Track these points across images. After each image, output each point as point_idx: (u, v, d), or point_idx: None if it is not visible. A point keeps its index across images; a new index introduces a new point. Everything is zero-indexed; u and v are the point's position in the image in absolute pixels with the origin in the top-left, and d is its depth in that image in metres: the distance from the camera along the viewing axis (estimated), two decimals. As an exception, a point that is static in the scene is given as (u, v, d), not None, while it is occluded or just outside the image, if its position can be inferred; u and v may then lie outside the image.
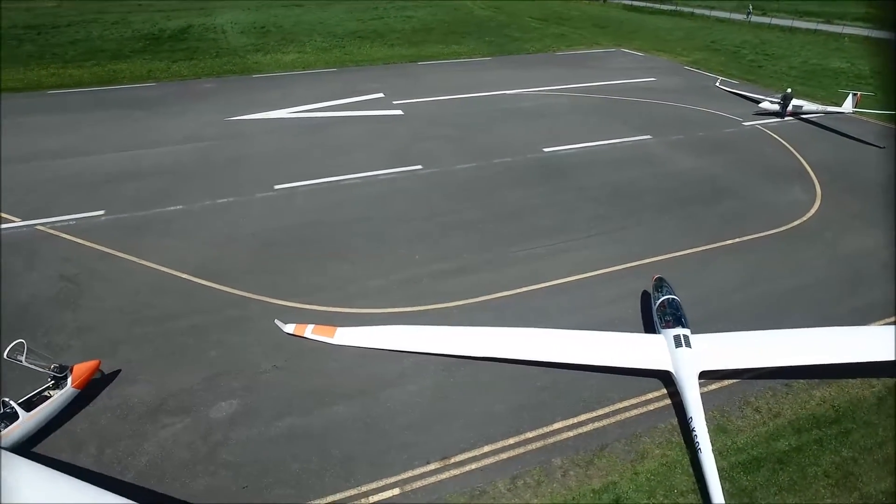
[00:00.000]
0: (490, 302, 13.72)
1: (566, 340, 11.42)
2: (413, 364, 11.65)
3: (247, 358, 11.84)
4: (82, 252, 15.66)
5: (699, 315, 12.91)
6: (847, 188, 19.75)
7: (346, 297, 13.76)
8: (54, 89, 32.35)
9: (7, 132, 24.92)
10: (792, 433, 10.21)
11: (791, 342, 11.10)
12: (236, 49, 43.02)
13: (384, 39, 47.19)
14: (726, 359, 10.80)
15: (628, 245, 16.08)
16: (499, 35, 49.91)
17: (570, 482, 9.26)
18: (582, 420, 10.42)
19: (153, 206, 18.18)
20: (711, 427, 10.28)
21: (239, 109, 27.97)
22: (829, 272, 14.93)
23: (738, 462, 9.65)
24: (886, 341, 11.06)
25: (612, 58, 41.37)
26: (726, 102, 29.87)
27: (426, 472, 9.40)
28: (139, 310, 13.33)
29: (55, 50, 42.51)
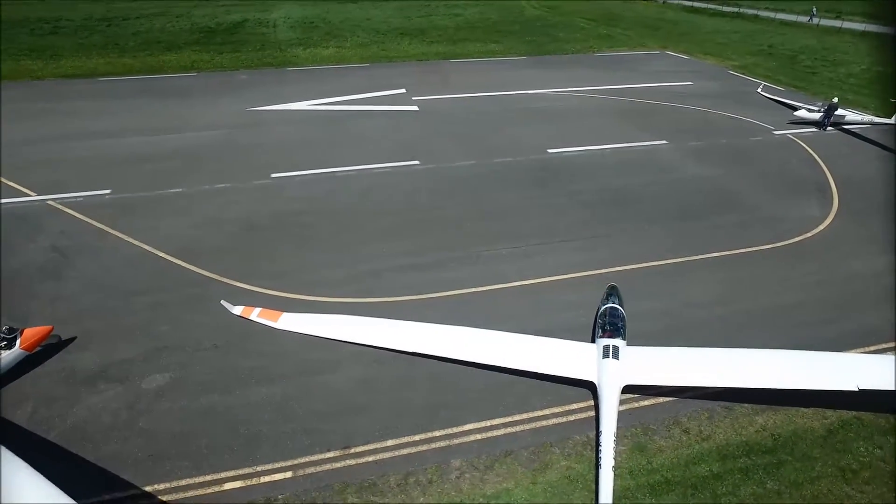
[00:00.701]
0: (442, 299, 13.62)
1: (499, 343, 11.16)
2: (349, 354, 11.74)
3: (192, 335, 12.32)
4: (79, 227, 16.76)
5: (654, 328, 12.36)
6: (869, 207, 18.17)
7: (304, 285, 14.04)
8: (106, 76, 34.69)
9: (49, 114, 26.95)
10: (717, 459, 9.57)
11: (734, 362, 10.36)
12: (280, 43, 44.59)
13: (424, 36, 47.54)
14: (656, 374, 10.23)
15: (603, 252, 15.50)
16: (542, 35, 49.14)
17: (463, 485, 9.08)
18: (495, 424, 10.18)
19: (155, 188, 19.20)
20: (630, 445, 9.83)
21: (263, 100, 29.02)
22: (820, 294, 13.82)
23: (648, 483, 9.15)
24: (847, 370, 10.15)
25: (653, 60, 39.85)
26: (763, 110, 28.14)
27: (323, 458, 9.48)
28: (113, 283, 14.13)
29: (118, 41, 45.55)
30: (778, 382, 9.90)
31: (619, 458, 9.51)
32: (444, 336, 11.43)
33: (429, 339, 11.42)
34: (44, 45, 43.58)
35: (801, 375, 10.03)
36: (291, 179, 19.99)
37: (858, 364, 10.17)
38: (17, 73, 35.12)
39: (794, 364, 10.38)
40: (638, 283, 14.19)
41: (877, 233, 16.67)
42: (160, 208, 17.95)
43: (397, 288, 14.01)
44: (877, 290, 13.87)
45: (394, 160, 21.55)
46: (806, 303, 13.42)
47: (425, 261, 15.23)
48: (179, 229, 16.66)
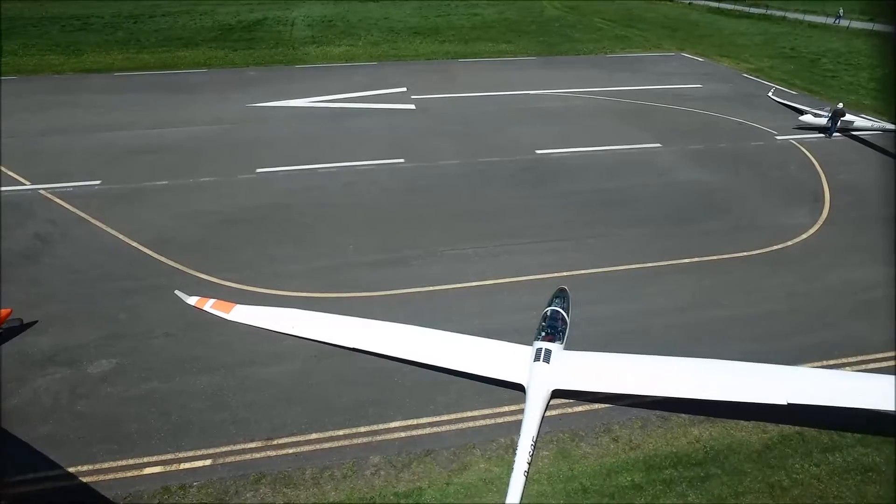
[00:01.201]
0: (397, 296, 13.64)
1: (437, 341, 11.09)
2: (293, 347, 11.85)
3: (147, 323, 12.63)
4: (65, 216, 17.33)
5: (603, 333, 12.13)
6: (863, 217, 17.41)
7: (265, 278, 14.24)
8: (123, 72, 35.78)
9: (62, 106, 27.95)
10: (641, 469, 9.32)
11: (671, 372, 10.05)
12: (294, 41, 45.24)
13: (438, 36, 47.56)
14: (588, 380, 10.02)
15: (572, 255, 15.28)
16: (557, 35, 48.62)
17: (377, 481, 9.07)
18: (422, 423, 10.14)
19: (144, 180, 19.72)
20: (555, 450, 9.67)
21: (266, 97, 29.49)
22: (788, 305, 13.31)
23: (565, 490, 8.98)
24: (780, 383, 9.70)
25: (666, 62, 39.02)
26: (771, 114, 27.26)
27: (245, 448, 9.61)
28: (84, 271, 14.57)
29: (139, 37, 46.91)
30: (710, 393, 9.57)
31: (540, 462, 9.40)
32: (384, 333, 11.43)
33: (370, 335, 11.43)
34: (70, 40, 45.20)
35: (732, 387, 9.66)
36: (276, 175, 20.28)
37: (792, 378, 9.75)
38: (40, 67, 36.53)
39: (728, 375, 9.98)
40: (601, 287, 13.95)
41: (864, 242, 15.98)
42: (144, 200, 18.42)
43: (356, 284, 14.08)
44: (848, 303, 13.29)
45: (380, 158, 21.63)
46: (771, 313, 12.95)
47: (388, 258, 15.27)
48: (157, 220, 17.07)
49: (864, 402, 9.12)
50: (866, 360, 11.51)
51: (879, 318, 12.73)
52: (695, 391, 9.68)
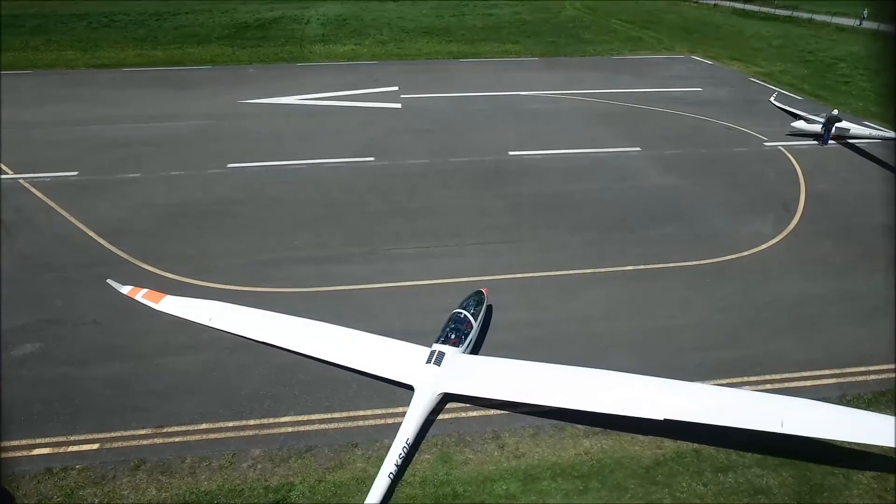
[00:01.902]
0: (327, 293, 13.69)
1: (340, 339, 11.12)
2: (209, 338, 12.01)
3: (79, 310, 13.01)
4: (33, 204, 18.00)
5: (516, 340, 11.98)
6: (833, 229, 16.65)
7: (201, 270, 14.48)
8: (133, 67, 36.94)
9: (66, 100, 29.10)
10: (520, 479, 9.13)
11: (566, 382, 9.81)
12: (303, 39, 45.92)
13: (446, 36, 47.55)
14: (478, 386, 9.86)
15: (509, 258, 15.09)
16: (568, 36, 48.02)
17: (252, 474, 9.13)
18: (311, 419, 10.16)
19: (117, 172, 20.32)
20: (436, 454, 9.56)
21: (258, 93, 30.03)
22: (718, 318, 12.79)
23: (435, 494, 8.86)
24: (662, 398, 9.35)
25: (672, 64, 38.11)
26: (768, 119, 26.34)
27: (134, 435, 9.79)
28: (34, 258, 15.08)
29: (157, 34, 48.38)
30: (595, 405, 9.32)
31: (419, 465, 9.30)
32: (290, 327, 11.52)
33: (277, 330, 11.55)
34: (92, 37, 46.94)
35: (616, 400, 9.38)
36: (244, 170, 20.63)
37: (684, 393, 9.39)
38: (56, 62, 38.05)
39: (619, 387, 9.68)
40: (530, 291, 13.74)
41: (826, 256, 15.28)
42: (112, 191, 18.99)
43: (290, 279, 14.21)
44: (783, 319, 12.72)
45: (350, 156, 21.78)
46: (696, 327, 12.50)
47: (328, 254, 15.36)
48: (118, 211, 17.58)
49: (754, 423, 8.77)
50: (781, 378, 11.03)
51: (810, 335, 12.18)
52: (582, 403, 9.45)
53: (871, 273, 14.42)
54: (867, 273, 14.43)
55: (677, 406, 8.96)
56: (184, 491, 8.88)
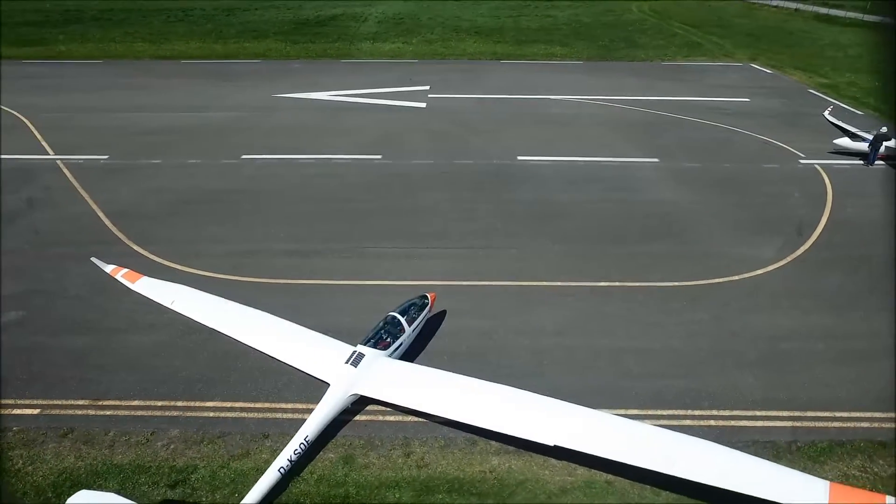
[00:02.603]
0: (296, 286, 14.07)
1: (277, 330, 11.30)
2: (169, 319, 12.47)
3: (65, 284, 14.03)
4: (60, 183, 19.56)
5: (458, 347, 11.81)
6: (845, 259, 15.16)
7: (182, 255, 15.18)
8: (191, 59, 39.24)
9: (117, 88, 31.38)
10: (416, 489, 8.97)
11: (480, 398, 9.48)
12: (354, 36, 46.99)
13: (496, 36, 47.18)
14: (393, 392, 9.76)
15: (481, 263, 14.88)
16: (622, 40, 46.37)
17: (163, 453, 9.51)
18: (235, 406, 10.45)
19: (142, 158, 21.68)
20: (341, 454, 9.59)
21: (293, 88, 31.08)
22: (684, 344, 12.01)
23: (327, 494, 8.86)
24: (552, 422, 8.92)
25: (726, 72, 36.00)
26: (815, 135, 24.29)
27: (73, 404, 10.44)
28: (45, 233, 16.42)
29: (223, 29, 51.06)
30: (493, 423, 8.99)
31: (321, 463, 9.34)
32: (238, 316, 11.81)
33: (227, 318, 11.81)
34: (165, 30, 50.23)
35: (512, 420, 9.00)
36: (255, 162, 21.45)
37: (575, 417, 8.91)
38: (126, 53, 41.05)
39: (517, 407, 9.27)
40: (492, 300, 13.48)
41: (825, 289, 13.96)
42: (132, 175, 20.30)
43: (264, 270, 14.65)
44: (753, 352, 11.73)
45: (360, 153, 22.14)
46: (653, 352, 11.79)
47: (310, 248, 15.71)
48: (130, 195, 18.77)
49: (648, 463, 8.18)
50: (728, 415, 10.21)
51: (776, 373, 11.18)
52: (480, 419, 9.12)
53: (872, 312, 13.04)
54: (867, 312, 13.06)
55: (570, 433, 8.50)
56: (98, 462, 9.40)
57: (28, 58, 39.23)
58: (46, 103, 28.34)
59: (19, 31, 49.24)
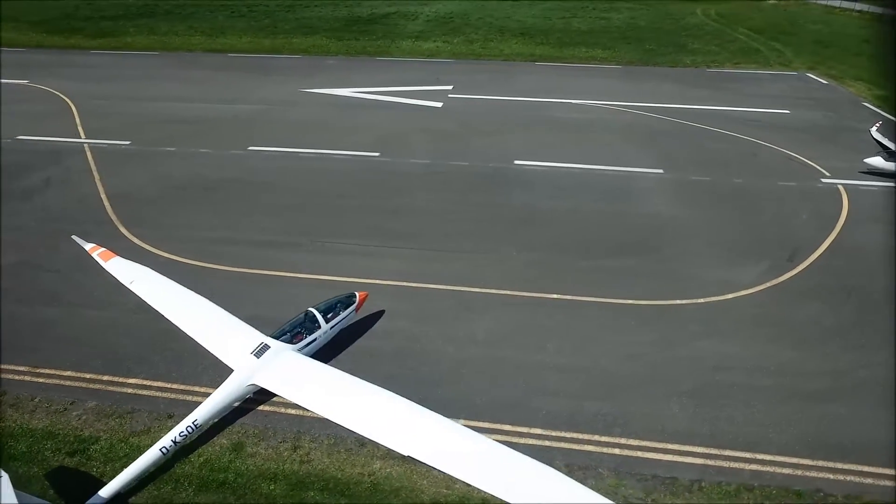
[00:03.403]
0: (249, 275, 14.54)
1: (202, 312, 11.55)
2: (124, 300, 12.94)
3: (51, 259, 15.17)
4: (80, 165, 21.07)
5: (383, 347, 11.80)
6: (836, 290, 13.90)
7: (164, 239, 16.00)
8: (238, 53, 41.05)
9: (164, 79, 33.36)
10: (290, 484, 9.11)
11: (363, 401, 9.27)
12: (399, 35, 47.47)
13: (541, 38, 46.19)
14: (286, 387, 9.81)
15: (435, 266, 14.81)
16: (671, 44, 44.22)
17: (74, 423, 10.17)
18: (153, 385, 11.03)
19: (160, 145, 22.96)
20: (233, 441, 9.88)
21: (320, 84, 31.84)
22: (615, 367, 11.48)
23: (205, 477, 9.17)
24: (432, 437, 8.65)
25: (773, 81, 33.64)
26: (850, 152, 22.23)
27: (13, 370, 11.29)
28: (49, 210, 17.81)
29: (278, 24, 53.01)
30: (361, 427, 8.87)
31: (212, 448, 9.71)
32: (174, 297, 12.20)
33: (166, 299, 12.23)
34: (226, 24, 52.65)
35: (379, 426, 8.84)
36: (259, 153, 22.24)
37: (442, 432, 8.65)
38: (182, 45, 43.43)
39: (392, 415, 9.06)
40: (434, 304, 13.42)
41: (799, 320, 12.82)
42: (146, 161, 21.58)
43: (229, 258, 15.20)
44: (689, 382, 11.01)
45: (359, 150, 22.45)
46: (580, 370, 11.33)
47: (281, 240, 16.16)
48: (137, 180, 19.97)
49: (494, 489, 7.86)
50: (630, 444, 9.64)
51: (705, 407, 10.44)
52: (354, 423, 8.98)
53: (843, 349, 11.90)
54: (838, 349, 11.93)
55: (426, 447, 8.28)
56: (16, 426, 10.14)
57: (97, 48, 42.40)
58: (97, 91, 30.58)
59: (101, 24, 53.30)
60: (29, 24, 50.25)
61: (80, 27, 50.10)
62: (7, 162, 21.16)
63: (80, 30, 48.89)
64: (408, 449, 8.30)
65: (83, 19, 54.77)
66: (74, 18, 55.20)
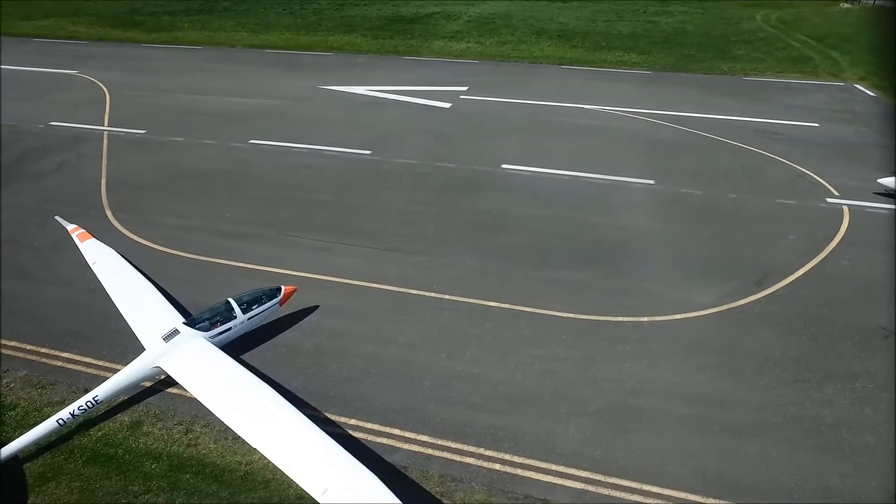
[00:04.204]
0: (204, 262, 15.16)
1: (135, 290, 12.35)
2: (87, 278, 13.88)
3: (36, 237, 16.34)
4: (93, 151, 22.47)
5: (293, 340, 12.19)
6: (797, 317, 12.92)
7: (139, 224, 16.90)
8: (275, 49, 42.46)
9: (197, 71, 34.99)
10: (171, 465, 9.48)
11: (248, 398, 9.48)
12: (434, 35, 47.63)
13: (577, 41, 45.20)
14: (185, 375, 10.10)
15: (387, 266, 14.83)
16: (715, 49, 42.15)
17: (1, 388, 10.94)
18: (83, 360, 11.70)
19: (170, 136, 24.19)
20: (133, 419, 10.38)
21: (340, 81, 32.45)
22: (522, 378, 11.19)
23: (97, 450, 9.70)
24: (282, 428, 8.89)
25: (814, 92, 31.41)
26: (872, 171, 20.35)
27: (-27, 339, 12.34)
28: (52, 191, 19.11)
29: (323, 22, 54.40)
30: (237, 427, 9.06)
31: (112, 424, 10.24)
32: (119, 277, 12.91)
33: (112, 277, 13.00)
34: (272, 21, 54.55)
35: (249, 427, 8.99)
36: (257, 147, 22.96)
37: (294, 426, 8.86)
38: (226, 40, 45.36)
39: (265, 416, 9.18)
40: (363, 303, 13.53)
41: (744, 348, 11.99)
42: (152, 150, 22.77)
43: (192, 245, 15.84)
44: (594, 405, 10.58)
45: (355, 147, 22.76)
46: (484, 381, 11.09)
47: (244, 231, 16.69)
48: (138, 167, 21.12)
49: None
50: (500, 457, 9.34)
51: (610, 429, 9.99)
52: (232, 421, 9.16)
53: (779, 384, 11.04)
54: (774, 383, 11.09)
55: (270, 440, 8.41)
56: (-51, 389, 11.07)
57: (150, 42, 45.06)
58: (134, 82, 32.48)
59: (161, 19, 56.59)
60: (99, 20, 54.10)
61: (141, 22, 53.34)
62: (32, 145, 22.98)
63: (140, 24, 52.01)
64: (256, 441, 8.47)
65: (147, 14, 58.16)
66: (139, 14, 58.79)
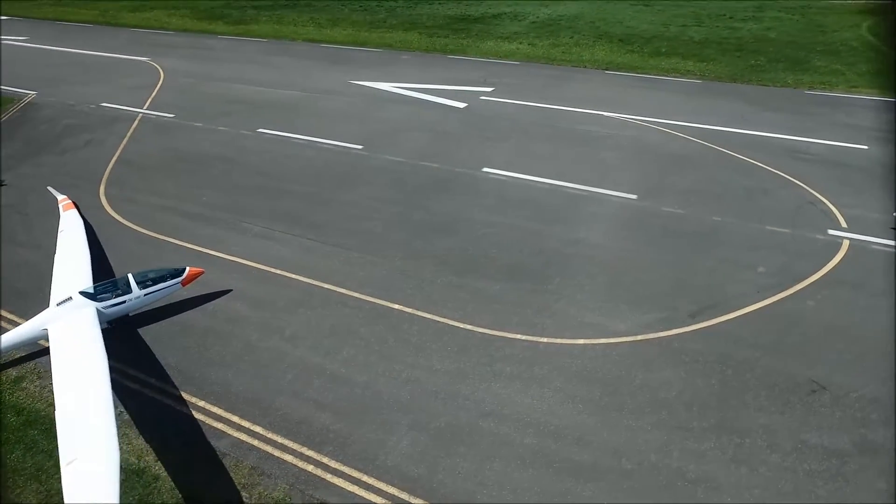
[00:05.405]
0: (158, 240, 16.20)
1: (71, 255, 13.44)
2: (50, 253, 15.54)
3: (33, 205, 18.19)
4: (120, 132, 24.59)
5: (197, 321, 12.63)
6: (715, 357, 11.66)
7: (123, 200, 18.39)
8: (332, 44, 44.08)
9: (247, 62, 37.07)
10: (25, 420, 10.51)
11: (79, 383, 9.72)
12: (491, 34, 47.10)
13: (636, 45, 42.86)
14: (54, 346, 10.62)
15: (314, 259, 15.16)
16: (789, 60, 38.32)
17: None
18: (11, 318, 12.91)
19: (191, 121, 25.88)
20: (19, 373, 11.31)
21: (373, 76, 33.10)
22: (390, 388, 10.93)
23: (-21, 399, 10.67)
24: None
25: (880, 111, 27.67)
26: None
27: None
28: (68, 165, 21.27)
29: (390, 19, 55.50)
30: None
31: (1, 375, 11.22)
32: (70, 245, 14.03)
33: (65, 246, 14.18)
34: (341, 17, 56.30)
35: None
36: (262, 136, 24.03)
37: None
38: (290, 34, 47.71)
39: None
40: (282, 293, 13.84)
41: (632, 385, 10.94)
42: (170, 133, 24.54)
43: (158, 224, 16.99)
44: (440, 420, 10.13)
45: (349, 141, 23.15)
46: (355, 385, 10.97)
47: (210, 214, 17.67)
48: (150, 148, 22.88)
49: None
50: (336, 468, 9.15)
51: (442, 449, 9.59)
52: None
53: (654, 428, 10.01)
54: (647, 426, 10.09)
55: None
56: None
57: (225, 34, 48.37)
58: (191, 69, 35.07)
59: (246, 12, 60.59)
60: (193, 12, 58.72)
61: (228, 14, 57.31)
62: (75, 123, 25.58)
63: (226, 17, 55.95)
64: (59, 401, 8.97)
65: (236, 8, 62.43)
66: (231, 7, 63.20)
